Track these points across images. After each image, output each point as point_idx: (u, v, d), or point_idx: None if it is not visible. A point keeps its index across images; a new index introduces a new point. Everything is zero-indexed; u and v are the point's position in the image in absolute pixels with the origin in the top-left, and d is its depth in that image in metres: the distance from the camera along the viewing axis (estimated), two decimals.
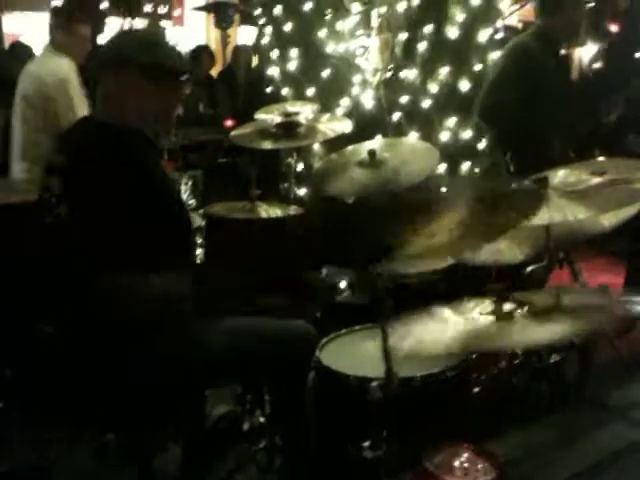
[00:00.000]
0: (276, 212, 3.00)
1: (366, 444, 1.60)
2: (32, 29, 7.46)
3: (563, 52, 3.94)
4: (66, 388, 1.92)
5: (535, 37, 3.49)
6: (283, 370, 2.01)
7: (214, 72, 7.06)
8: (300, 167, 3.81)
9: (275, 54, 4.21)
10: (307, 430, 2.01)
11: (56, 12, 3.87)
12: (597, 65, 8.34)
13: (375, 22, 3.89)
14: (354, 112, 3.80)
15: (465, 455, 1.22)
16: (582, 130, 4.50)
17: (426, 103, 3.83)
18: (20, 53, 5.43)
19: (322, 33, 3.97)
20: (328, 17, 3.98)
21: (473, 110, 3.64)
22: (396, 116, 3.78)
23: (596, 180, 1.93)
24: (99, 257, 1.79)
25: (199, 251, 2.94)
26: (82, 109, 3.61)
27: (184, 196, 3.64)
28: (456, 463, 1.20)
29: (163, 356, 1.85)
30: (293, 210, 3.04)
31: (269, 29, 4.28)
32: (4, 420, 2.68)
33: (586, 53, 8.50)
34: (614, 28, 7.98)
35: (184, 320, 1.93)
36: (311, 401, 2.01)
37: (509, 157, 3.35)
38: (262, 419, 2.39)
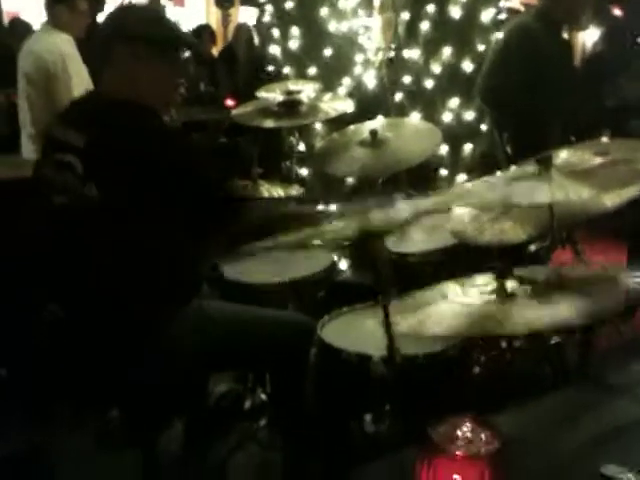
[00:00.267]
0: (278, 192, 2.99)
1: (368, 417, 1.60)
2: (31, 6, 7.39)
3: (566, 36, 3.89)
4: (69, 369, 1.92)
5: (537, 18, 3.44)
6: (283, 353, 2.02)
7: (215, 51, 7.02)
8: (302, 146, 3.79)
9: (276, 33, 4.18)
10: (309, 408, 2.02)
11: None
12: (600, 49, 8.29)
13: (377, 1, 3.85)
14: (356, 91, 3.78)
15: (468, 426, 1.23)
16: (584, 116, 4.47)
17: (429, 83, 3.80)
18: (20, 30, 5.39)
19: (324, 11, 3.94)
20: None
21: (474, 91, 3.61)
22: (398, 96, 3.76)
23: (599, 160, 1.92)
24: (132, 235, 1.80)
25: None
26: (84, 85, 3.59)
27: None
28: (459, 433, 1.21)
29: (165, 339, 1.85)
30: (295, 190, 3.04)
31: (270, 8, 4.25)
32: (6, 400, 2.69)
33: (589, 37, 8.45)
34: (617, 12, 7.93)
35: (187, 304, 1.94)
36: (313, 378, 2.01)
37: (506, 139, 3.33)
38: (263, 397, 2.40)
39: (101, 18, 5.64)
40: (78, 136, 1.85)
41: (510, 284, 1.49)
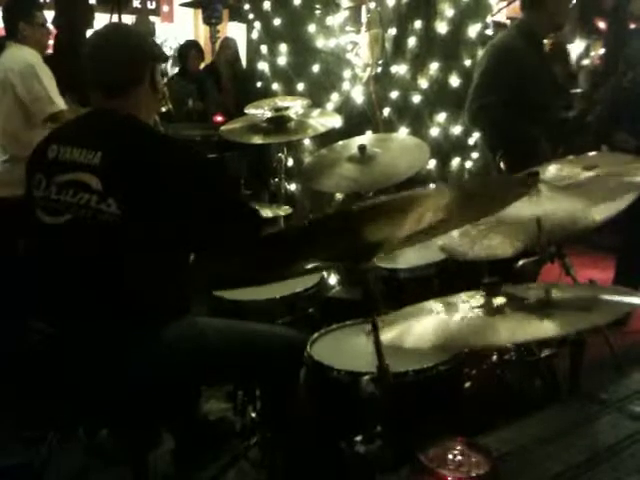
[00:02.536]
0: (267, 213, 2.99)
1: (359, 438, 1.59)
2: None
3: (546, 42, 3.90)
4: (59, 385, 1.91)
5: (518, 34, 3.40)
6: (275, 369, 2.02)
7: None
8: (290, 162, 3.80)
9: (264, 49, 4.20)
10: (299, 425, 2.01)
11: (14, 3, 3.78)
12: (585, 62, 8.37)
13: (365, 17, 3.88)
14: (344, 107, 3.80)
15: (459, 449, 1.22)
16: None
17: (416, 98, 3.83)
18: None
19: (312, 28, 3.96)
20: (318, 12, 3.97)
21: (463, 110, 3.60)
22: (386, 111, 3.78)
23: (588, 174, 1.93)
24: (143, 247, 1.82)
25: None
26: (54, 94, 3.60)
27: None
28: (450, 456, 1.20)
29: (159, 354, 1.84)
30: (283, 211, 3.04)
31: (258, 24, 4.27)
32: None
33: (575, 50, 8.53)
34: (602, 25, 8.01)
35: (182, 320, 1.94)
36: (303, 396, 2.00)
37: (499, 157, 3.32)
38: (254, 415, 2.38)
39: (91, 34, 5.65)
40: (94, 155, 1.86)
41: (498, 300, 1.49)
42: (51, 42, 4.23)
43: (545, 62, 3.55)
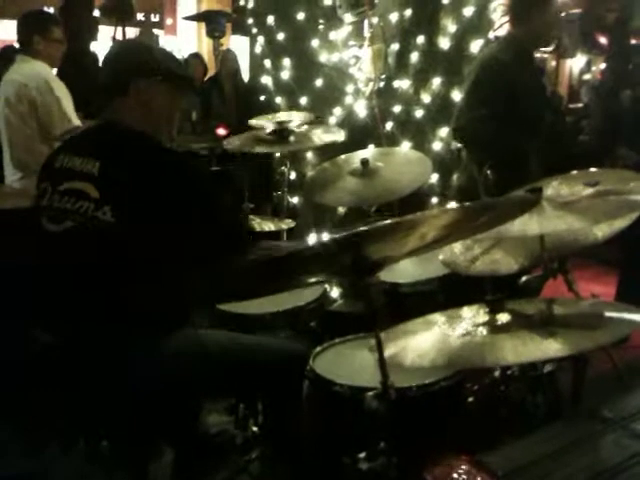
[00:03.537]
0: (269, 226, 3.00)
1: (362, 455, 1.58)
2: None
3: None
4: (61, 395, 1.91)
5: (506, 48, 3.36)
6: (277, 383, 2.02)
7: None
8: (293, 175, 3.81)
9: (268, 63, 4.23)
10: (301, 440, 2.00)
11: (32, 17, 3.81)
12: (587, 77, 8.42)
13: (367, 32, 3.90)
14: (347, 121, 3.81)
15: (464, 468, 1.21)
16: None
17: (419, 113, 3.84)
18: (11, 57, 5.40)
19: (315, 43, 3.99)
20: (321, 27, 4.00)
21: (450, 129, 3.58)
22: (389, 126, 3.79)
23: (589, 191, 1.93)
24: (140, 258, 1.84)
25: None
26: (70, 107, 3.61)
27: None
28: (455, 475, 1.19)
29: (162, 368, 1.84)
30: (285, 224, 3.04)
31: (261, 39, 4.29)
32: None
33: (576, 65, 8.58)
34: (603, 40, 8.06)
35: (183, 332, 1.94)
36: (305, 411, 1.99)
37: (485, 170, 3.30)
38: (255, 429, 2.37)
39: (94, 47, 5.68)
40: (93, 164, 1.90)
41: (501, 316, 1.49)
42: None
43: (534, 74, 3.53)
